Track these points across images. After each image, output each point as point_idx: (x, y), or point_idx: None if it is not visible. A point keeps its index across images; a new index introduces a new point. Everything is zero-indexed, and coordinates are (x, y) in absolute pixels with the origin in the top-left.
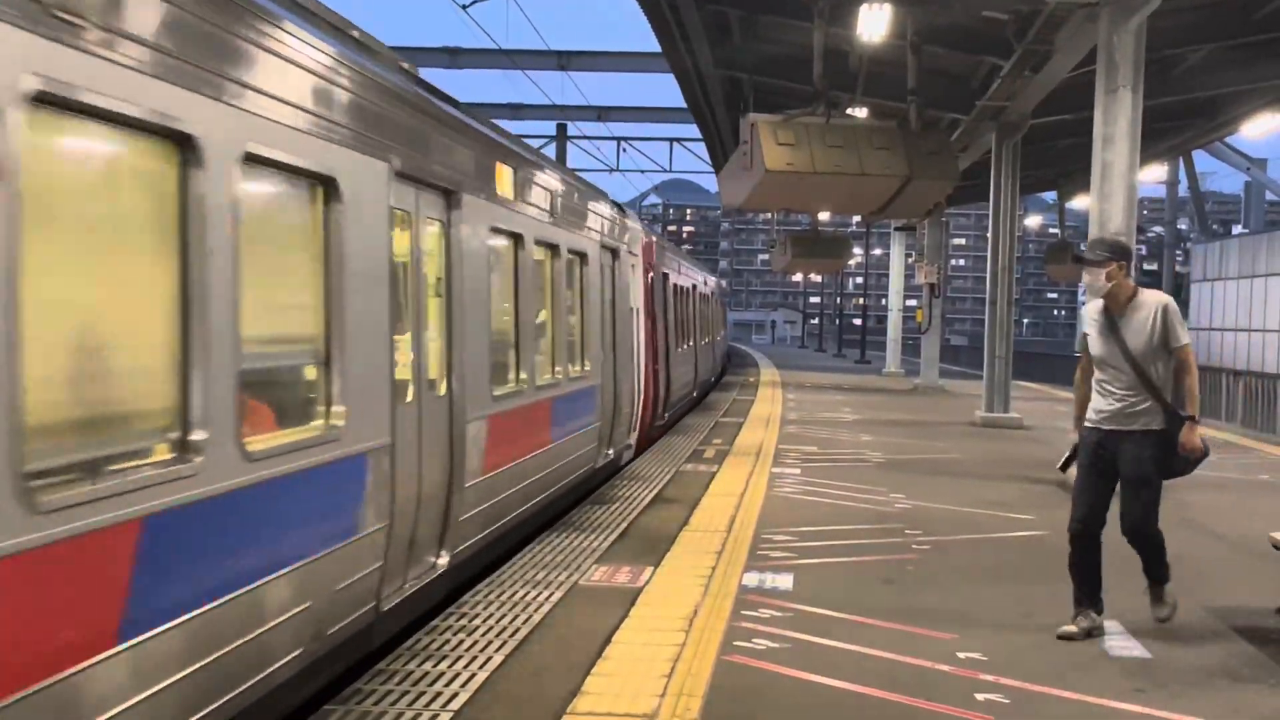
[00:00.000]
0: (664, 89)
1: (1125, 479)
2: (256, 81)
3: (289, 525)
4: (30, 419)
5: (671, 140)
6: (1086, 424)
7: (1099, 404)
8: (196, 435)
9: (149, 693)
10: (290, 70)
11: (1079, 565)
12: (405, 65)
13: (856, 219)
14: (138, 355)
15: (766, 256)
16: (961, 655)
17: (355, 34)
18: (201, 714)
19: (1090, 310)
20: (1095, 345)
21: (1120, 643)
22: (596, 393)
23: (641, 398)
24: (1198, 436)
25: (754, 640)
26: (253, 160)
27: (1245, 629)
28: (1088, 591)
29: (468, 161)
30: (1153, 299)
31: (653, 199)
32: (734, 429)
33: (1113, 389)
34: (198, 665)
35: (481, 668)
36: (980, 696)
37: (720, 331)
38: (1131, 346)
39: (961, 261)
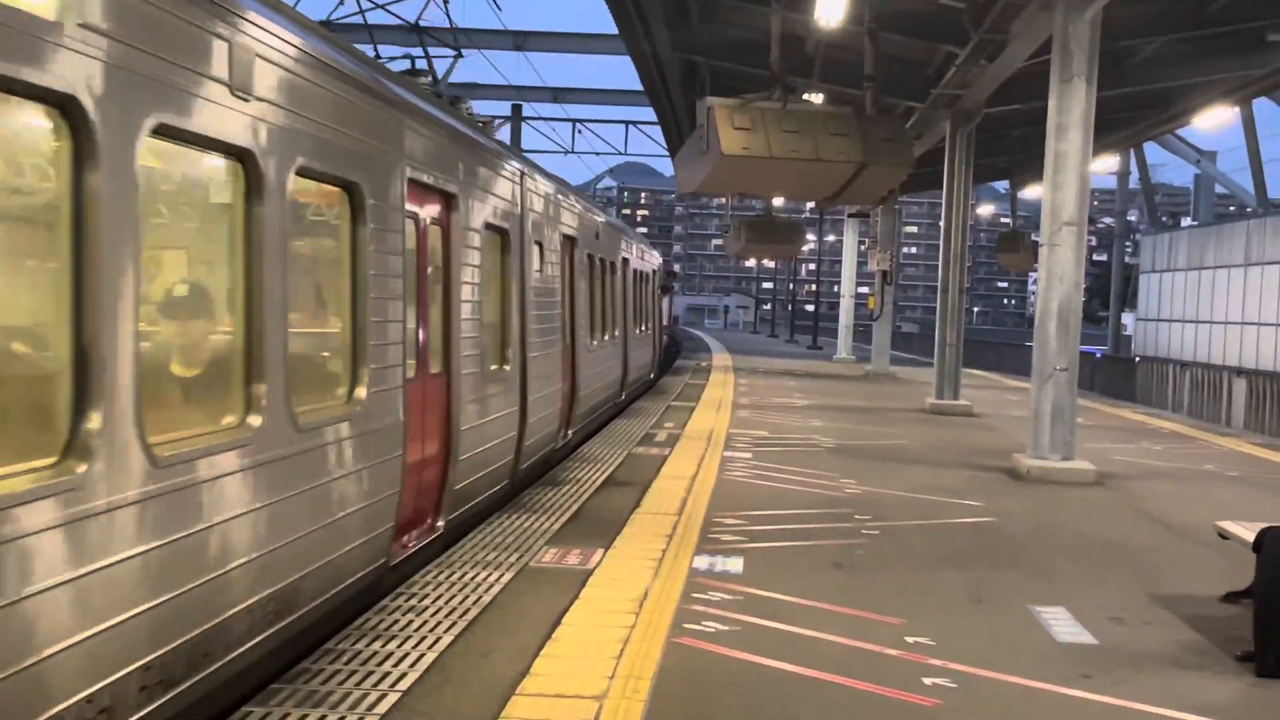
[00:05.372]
0: (621, 71)
1: None
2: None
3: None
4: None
5: (627, 123)
6: None
7: None
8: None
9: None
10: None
11: None
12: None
13: (810, 205)
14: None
15: (720, 241)
16: (909, 639)
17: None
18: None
19: None
20: None
21: (1068, 629)
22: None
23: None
24: None
25: (704, 623)
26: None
27: (1190, 616)
28: None
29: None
30: None
31: (608, 182)
32: (686, 413)
33: None
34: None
35: (430, 648)
36: (928, 680)
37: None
38: None
39: (913, 249)
